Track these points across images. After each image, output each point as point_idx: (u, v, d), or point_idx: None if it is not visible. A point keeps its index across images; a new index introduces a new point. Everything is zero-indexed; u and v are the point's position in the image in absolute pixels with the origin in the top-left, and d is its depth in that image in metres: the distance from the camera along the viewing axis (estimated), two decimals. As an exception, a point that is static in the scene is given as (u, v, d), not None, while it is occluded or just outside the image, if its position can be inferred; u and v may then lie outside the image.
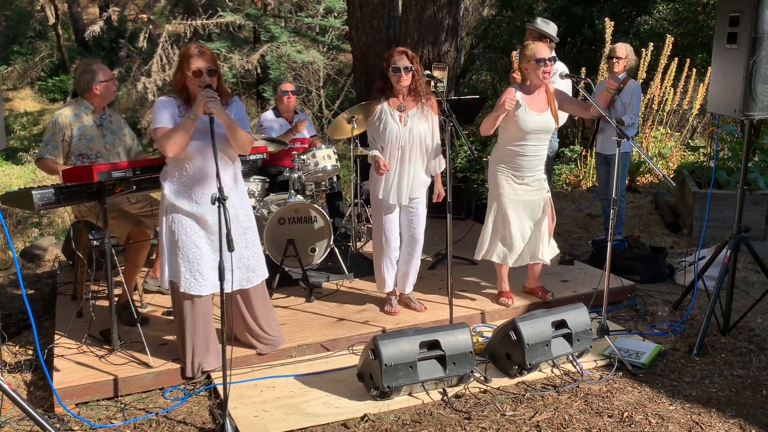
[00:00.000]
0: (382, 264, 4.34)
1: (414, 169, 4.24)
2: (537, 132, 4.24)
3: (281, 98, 5.84)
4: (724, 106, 3.94)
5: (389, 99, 4.19)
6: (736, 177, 6.56)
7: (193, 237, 3.51)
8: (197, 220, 3.52)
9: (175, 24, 13.29)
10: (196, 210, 3.50)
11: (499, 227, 4.39)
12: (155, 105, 3.52)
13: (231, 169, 3.62)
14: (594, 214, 7.17)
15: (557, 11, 12.15)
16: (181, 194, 3.51)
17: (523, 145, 4.25)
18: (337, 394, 3.48)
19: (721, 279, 4.08)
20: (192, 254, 3.50)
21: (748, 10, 3.69)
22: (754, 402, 3.42)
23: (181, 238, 3.51)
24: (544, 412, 3.33)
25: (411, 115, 4.17)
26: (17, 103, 17.62)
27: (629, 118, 5.43)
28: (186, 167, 3.49)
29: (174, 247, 3.53)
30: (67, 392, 3.41)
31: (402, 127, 4.14)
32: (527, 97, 4.22)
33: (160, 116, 3.47)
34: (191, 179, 3.50)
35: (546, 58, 4.11)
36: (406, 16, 6.74)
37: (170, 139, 3.36)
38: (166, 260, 3.57)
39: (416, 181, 4.26)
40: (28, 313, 3.18)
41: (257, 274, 3.75)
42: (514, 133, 4.25)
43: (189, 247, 3.51)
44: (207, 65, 3.47)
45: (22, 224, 9.34)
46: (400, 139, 4.15)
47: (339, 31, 14.65)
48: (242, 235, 3.68)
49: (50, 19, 17.52)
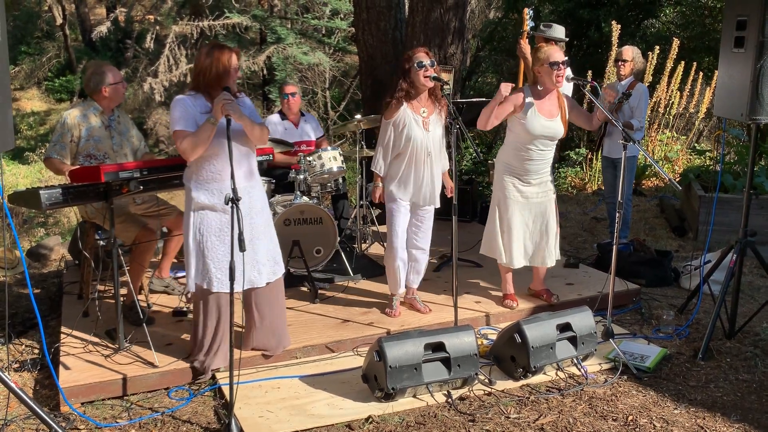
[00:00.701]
0: (396, 264, 4.31)
1: (436, 172, 4.25)
2: (544, 137, 4.23)
3: (284, 100, 5.86)
4: (731, 110, 3.94)
5: (410, 102, 4.14)
6: (743, 181, 6.54)
7: (221, 236, 3.53)
8: (222, 218, 3.53)
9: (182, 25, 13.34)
10: (220, 208, 3.52)
11: (505, 229, 4.39)
12: (175, 105, 3.50)
13: (246, 164, 3.64)
14: (599, 218, 7.16)
15: (564, 14, 12.15)
16: (205, 194, 3.52)
17: (530, 149, 4.25)
18: (341, 396, 3.49)
19: (727, 283, 4.07)
20: (222, 253, 3.52)
21: (755, 13, 3.68)
22: (759, 407, 3.42)
23: (210, 239, 3.53)
24: (548, 415, 3.33)
25: (432, 120, 4.17)
26: (24, 103, 17.71)
27: (638, 121, 5.41)
28: (207, 167, 3.50)
29: (202, 248, 3.54)
30: (72, 391, 3.43)
31: (426, 133, 4.13)
32: (537, 101, 4.21)
33: (180, 118, 3.45)
34: (214, 179, 3.51)
35: (560, 61, 4.10)
36: (413, 19, 6.75)
37: (193, 145, 3.38)
38: (193, 264, 3.56)
39: (437, 183, 4.27)
40: (34, 312, 3.20)
41: (281, 265, 3.81)
42: (522, 136, 4.24)
43: (218, 247, 3.53)
44: (235, 62, 3.51)
45: (28, 224, 9.38)
46: (426, 146, 4.13)
47: (345, 33, 14.67)
48: (268, 227, 3.72)
49: (57, 20, 17.60)
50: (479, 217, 6.74)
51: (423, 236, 4.38)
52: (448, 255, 5.29)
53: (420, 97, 4.14)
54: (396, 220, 4.26)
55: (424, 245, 4.40)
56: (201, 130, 3.39)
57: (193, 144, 3.39)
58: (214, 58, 3.46)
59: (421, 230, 4.36)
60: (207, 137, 3.39)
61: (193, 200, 3.54)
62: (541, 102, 4.21)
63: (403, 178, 4.19)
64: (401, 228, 4.28)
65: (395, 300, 4.43)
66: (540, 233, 4.41)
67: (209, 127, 3.38)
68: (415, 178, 4.19)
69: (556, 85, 4.16)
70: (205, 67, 3.48)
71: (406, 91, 4.11)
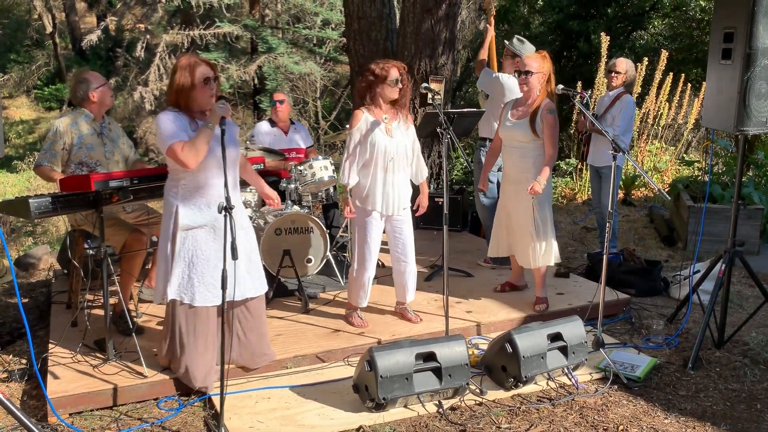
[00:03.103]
0: (364, 278, 4.28)
1: (401, 180, 4.25)
2: (509, 140, 4.52)
3: (273, 108, 5.89)
4: (719, 121, 3.97)
5: (371, 109, 4.16)
6: (731, 191, 6.59)
7: (206, 250, 3.50)
8: (208, 231, 3.50)
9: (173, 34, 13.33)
10: (208, 221, 3.49)
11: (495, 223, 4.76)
12: (162, 120, 3.41)
13: (233, 174, 3.60)
14: (590, 227, 7.19)
15: (553, 26, 12.25)
16: (191, 213, 3.48)
17: (505, 147, 4.59)
18: (332, 406, 3.47)
19: (716, 293, 4.09)
20: (209, 266, 3.48)
21: (742, 26, 3.72)
22: (748, 416, 3.43)
23: (196, 253, 3.48)
24: (539, 424, 3.33)
25: (395, 126, 4.20)
26: (13, 112, 17.62)
27: (612, 129, 5.43)
28: (196, 178, 3.46)
29: (187, 262, 3.49)
30: (61, 402, 3.39)
31: (390, 139, 4.15)
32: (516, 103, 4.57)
33: (173, 130, 3.38)
34: (202, 190, 3.47)
35: (522, 71, 4.40)
36: (404, 29, 6.78)
37: (195, 150, 3.33)
38: (174, 276, 3.49)
39: (403, 191, 4.27)
40: (22, 322, 3.17)
41: (263, 281, 3.77)
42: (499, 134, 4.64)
43: (203, 260, 3.49)
44: (213, 73, 3.48)
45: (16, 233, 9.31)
46: (389, 152, 4.14)
47: (336, 43, 14.70)
48: (252, 243, 3.71)
49: (47, 28, 17.55)
50: (470, 226, 6.75)
51: (403, 247, 4.32)
52: (439, 264, 5.30)
53: (382, 105, 4.18)
54: (369, 231, 4.21)
55: (407, 257, 4.34)
56: (199, 136, 3.35)
57: (195, 150, 3.33)
58: (191, 72, 3.42)
59: (400, 241, 4.32)
60: (206, 142, 3.35)
61: (180, 221, 3.46)
62: (517, 104, 4.55)
63: (371, 188, 4.17)
64: (375, 241, 4.23)
65: (359, 311, 4.40)
66: (515, 230, 4.57)
67: (207, 131, 3.35)
68: (383, 187, 4.17)
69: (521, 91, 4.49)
70: (183, 82, 3.42)
71: (362, 96, 4.21)
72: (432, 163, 7.08)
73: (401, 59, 6.73)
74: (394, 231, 4.32)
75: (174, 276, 3.49)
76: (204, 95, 3.44)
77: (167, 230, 3.53)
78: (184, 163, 3.35)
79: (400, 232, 4.32)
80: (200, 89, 3.43)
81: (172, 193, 3.53)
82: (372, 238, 4.22)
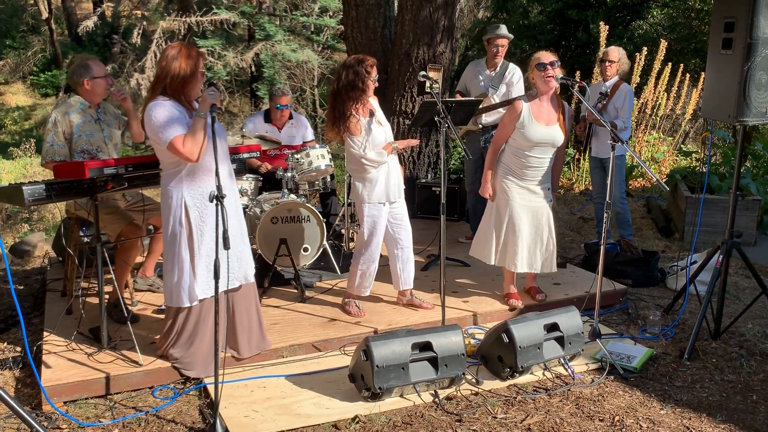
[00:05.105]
0: (371, 269, 4.30)
1: (396, 165, 4.30)
2: (543, 144, 4.24)
3: (275, 111, 5.79)
4: (718, 112, 3.95)
5: (358, 106, 4.11)
6: (728, 182, 6.59)
7: (208, 240, 3.47)
8: (205, 220, 3.47)
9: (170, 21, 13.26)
10: (203, 211, 3.46)
11: (509, 234, 4.37)
12: (157, 111, 3.34)
13: (227, 164, 3.59)
14: (587, 218, 7.18)
15: (552, 14, 12.20)
16: (199, 210, 3.45)
17: (528, 155, 4.26)
18: (328, 395, 3.46)
19: (713, 284, 4.09)
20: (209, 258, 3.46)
21: (743, 15, 3.69)
22: (744, 407, 3.43)
23: (211, 245, 3.46)
24: (535, 415, 3.33)
25: (380, 116, 4.24)
26: (9, 98, 17.52)
27: (622, 122, 5.43)
28: (192, 168, 3.43)
29: (196, 253, 3.46)
30: (55, 390, 3.38)
31: (380, 127, 4.18)
32: (535, 108, 4.22)
33: (171, 122, 3.33)
34: (197, 179, 3.45)
35: (546, 62, 4.13)
36: (402, 17, 6.73)
37: (198, 143, 3.29)
38: (199, 275, 3.47)
39: (400, 175, 4.34)
40: (16, 309, 3.15)
41: (252, 268, 3.75)
42: (520, 143, 4.26)
43: (206, 251, 3.47)
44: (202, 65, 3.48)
45: (12, 219, 9.27)
46: (386, 140, 4.17)
47: (334, 31, 14.63)
48: (242, 230, 3.69)
49: (43, 14, 17.43)
50: (467, 216, 6.73)
51: (405, 232, 4.36)
52: (436, 254, 5.29)
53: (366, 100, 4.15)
54: (379, 224, 4.22)
55: (407, 242, 4.37)
56: (196, 126, 3.31)
57: (197, 141, 3.29)
58: (195, 61, 3.40)
59: (402, 227, 4.34)
60: (203, 132, 3.31)
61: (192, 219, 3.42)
62: (538, 109, 4.23)
63: (377, 180, 4.17)
64: (382, 233, 4.27)
65: (356, 301, 4.39)
66: (541, 239, 4.41)
67: (201, 120, 3.31)
68: (386, 175, 4.19)
69: (547, 86, 4.17)
70: (174, 70, 3.37)
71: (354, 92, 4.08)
72: (429, 152, 7.05)
73: (399, 47, 6.71)
74: (395, 218, 4.32)
75: (199, 275, 3.47)
76: (199, 84, 3.45)
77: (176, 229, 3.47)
78: (188, 158, 3.32)
79: (401, 218, 4.34)
80: (199, 78, 3.44)
81: (174, 188, 3.47)
82: (381, 230, 4.25)
